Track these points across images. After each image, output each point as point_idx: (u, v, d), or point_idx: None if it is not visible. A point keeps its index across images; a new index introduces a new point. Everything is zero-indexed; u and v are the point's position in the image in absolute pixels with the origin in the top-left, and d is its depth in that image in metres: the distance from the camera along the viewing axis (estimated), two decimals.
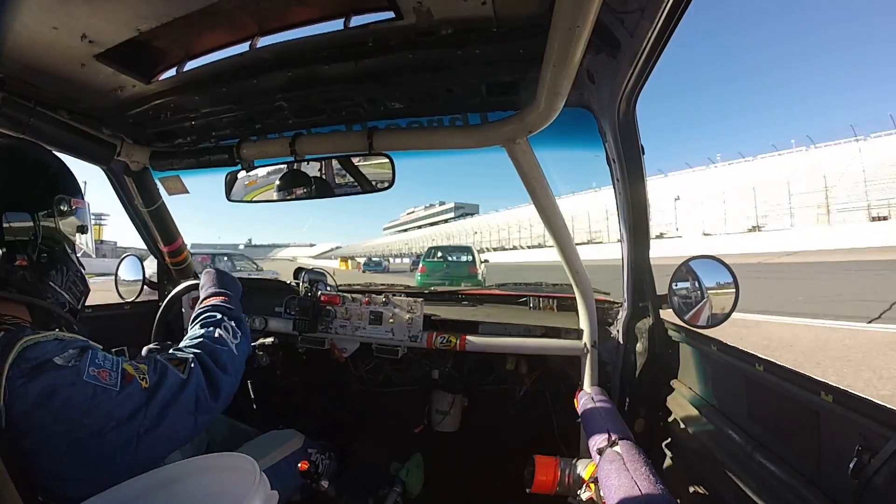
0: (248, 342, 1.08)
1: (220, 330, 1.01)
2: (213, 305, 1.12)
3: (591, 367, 1.51)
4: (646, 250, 1.40)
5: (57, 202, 0.86)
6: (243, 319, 1.12)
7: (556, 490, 1.18)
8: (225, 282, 1.24)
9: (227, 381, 0.92)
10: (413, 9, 0.89)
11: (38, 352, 0.68)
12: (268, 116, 1.36)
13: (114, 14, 0.91)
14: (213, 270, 1.28)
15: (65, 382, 0.67)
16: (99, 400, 0.69)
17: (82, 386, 0.69)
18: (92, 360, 0.72)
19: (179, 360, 0.86)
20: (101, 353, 0.76)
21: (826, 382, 0.74)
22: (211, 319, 1.05)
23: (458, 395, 2.10)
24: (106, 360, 0.75)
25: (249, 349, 1.07)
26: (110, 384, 0.72)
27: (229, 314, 1.09)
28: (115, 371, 0.74)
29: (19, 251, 0.80)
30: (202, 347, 0.93)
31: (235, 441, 1.49)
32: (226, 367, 0.93)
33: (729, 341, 1.09)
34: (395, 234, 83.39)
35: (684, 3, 0.74)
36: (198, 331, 1.01)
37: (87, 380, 0.69)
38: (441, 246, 16.35)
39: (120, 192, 1.77)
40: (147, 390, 0.76)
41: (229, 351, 0.98)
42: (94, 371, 0.71)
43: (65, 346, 0.72)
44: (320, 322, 1.73)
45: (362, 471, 1.91)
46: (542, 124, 1.06)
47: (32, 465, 0.65)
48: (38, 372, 0.66)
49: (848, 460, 0.64)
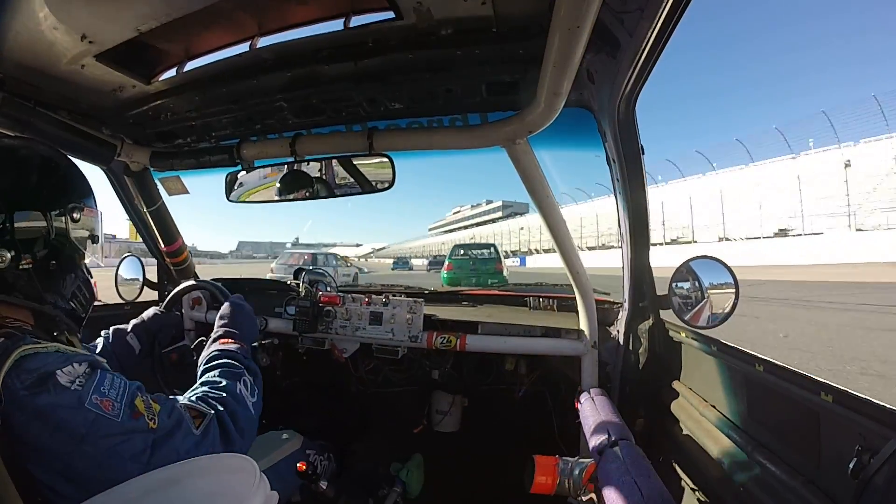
0: (261, 401, 1.00)
1: (241, 385, 0.94)
2: (233, 353, 1.04)
3: (591, 367, 1.51)
4: (646, 250, 1.40)
5: (68, 206, 0.83)
6: (259, 374, 1.04)
7: (556, 490, 1.18)
8: (246, 325, 1.17)
9: (241, 445, 0.86)
10: (413, 9, 0.90)
11: (38, 363, 0.66)
12: (268, 117, 1.36)
13: (114, 14, 0.91)
14: (239, 305, 1.22)
15: (64, 404, 0.65)
16: (99, 425, 0.67)
17: (83, 412, 0.66)
18: (97, 387, 0.69)
19: (199, 412, 0.81)
20: (110, 377, 0.72)
21: (826, 382, 0.74)
22: (231, 371, 0.97)
23: (457, 396, 2.10)
24: (113, 387, 0.71)
25: (260, 409, 0.99)
26: (112, 415, 0.68)
27: (248, 366, 1.02)
28: (119, 402, 0.70)
29: (29, 254, 0.78)
30: (224, 404, 0.87)
31: None
32: (244, 430, 0.87)
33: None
34: (440, 234, 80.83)
35: (684, 3, 0.74)
36: (218, 379, 0.94)
37: (88, 407, 0.66)
38: (466, 244, 16.71)
39: (120, 193, 1.77)
40: (154, 432, 0.72)
41: (248, 412, 0.92)
42: (96, 399, 0.68)
43: (67, 360, 0.69)
44: (320, 322, 1.73)
45: (362, 471, 1.91)
46: (542, 124, 1.06)
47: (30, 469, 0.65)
48: (40, 387, 0.64)
49: (848, 460, 0.64)
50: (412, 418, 2.16)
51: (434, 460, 1.97)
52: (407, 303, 1.66)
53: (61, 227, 0.82)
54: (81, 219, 0.86)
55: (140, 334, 1.42)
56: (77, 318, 0.89)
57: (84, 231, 0.88)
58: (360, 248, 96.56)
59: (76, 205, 0.85)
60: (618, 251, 1.48)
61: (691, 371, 1.28)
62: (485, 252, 14.02)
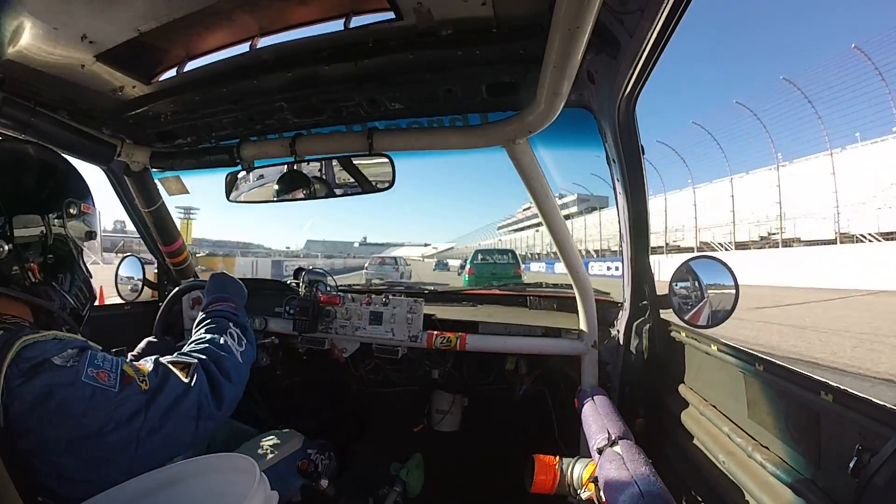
0: (254, 350, 1.07)
1: (226, 336, 1.00)
2: (219, 311, 1.10)
3: (591, 366, 1.51)
4: (646, 250, 1.40)
5: (66, 205, 0.85)
6: (249, 327, 1.10)
7: (556, 490, 1.18)
8: (232, 287, 1.23)
9: (230, 389, 0.91)
10: (413, 9, 0.90)
11: (37, 351, 0.68)
12: (268, 117, 1.36)
13: (114, 15, 0.91)
14: (221, 275, 1.27)
15: (62, 382, 0.67)
16: (97, 400, 0.69)
17: (80, 386, 0.68)
18: (91, 361, 0.72)
19: (183, 364, 0.85)
20: (101, 353, 0.76)
21: (826, 382, 0.74)
22: (217, 325, 1.03)
23: (458, 395, 2.10)
24: (105, 360, 0.74)
25: (254, 357, 1.06)
26: (109, 385, 0.71)
27: (235, 320, 1.08)
28: (113, 372, 0.73)
29: (28, 251, 0.80)
30: (207, 353, 0.92)
31: (235, 441, 1.49)
32: (230, 374, 0.92)
33: None
34: (510, 232, 77.73)
35: (684, 4, 0.75)
36: (203, 335, 1.00)
37: (85, 380, 0.69)
38: (486, 249, 17.92)
39: (120, 193, 1.77)
40: (146, 392, 0.75)
41: (234, 358, 0.96)
42: (92, 372, 0.71)
43: (63, 346, 0.71)
44: (320, 322, 1.73)
45: (362, 471, 1.91)
46: (542, 125, 1.06)
47: (32, 464, 0.65)
48: (35, 372, 0.66)
49: (848, 460, 0.64)
50: (412, 418, 2.16)
51: (434, 460, 1.97)
52: (407, 302, 1.66)
53: (59, 227, 0.84)
54: (79, 218, 0.88)
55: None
56: (77, 317, 0.90)
57: (81, 230, 0.89)
58: (426, 248, 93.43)
59: (73, 201, 0.86)
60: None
61: (691, 371, 1.28)
62: (504, 257, 15.25)
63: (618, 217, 1.42)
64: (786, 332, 7.38)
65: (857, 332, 7.17)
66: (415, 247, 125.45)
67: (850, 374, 4.59)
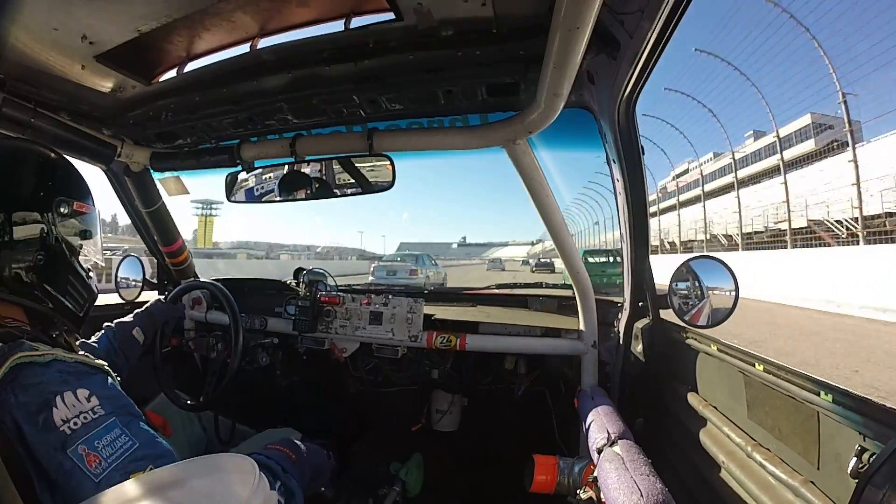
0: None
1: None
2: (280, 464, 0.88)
3: (591, 366, 1.51)
4: (646, 250, 1.40)
5: (57, 204, 0.82)
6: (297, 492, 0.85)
7: (556, 489, 1.18)
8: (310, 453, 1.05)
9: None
10: (413, 10, 0.90)
11: (36, 377, 0.64)
12: (268, 117, 1.36)
13: (114, 15, 0.91)
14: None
15: (46, 443, 0.62)
16: (70, 479, 0.61)
17: (59, 457, 0.61)
18: (92, 438, 0.63)
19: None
20: (119, 430, 0.65)
21: (826, 382, 0.74)
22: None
23: (457, 395, 2.10)
24: (113, 444, 0.64)
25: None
26: (92, 473, 0.61)
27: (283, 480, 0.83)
28: (109, 463, 0.62)
29: (17, 252, 0.77)
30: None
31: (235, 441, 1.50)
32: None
33: None
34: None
35: (684, 4, 0.75)
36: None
37: (69, 454, 0.61)
38: (593, 250, 18.79)
39: (120, 193, 1.77)
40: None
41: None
42: (82, 450, 0.62)
43: (67, 383, 0.65)
44: (320, 322, 1.73)
45: (362, 470, 1.91)
46: (542, 125, 1.06)
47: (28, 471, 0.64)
48: (33, 416, 0.62)
49: (847, 460, 0.64)
50: (412, 418, 2.16)
51: (434, 459, 1.97)
52: (407, 302, 1.66)
53: (57, 227, 0.82)
54: (72, 217, 0.85)
55: (145, 326, 1.40)
56: (75, 318, 0.87)
57: (79, 229, 0.87)
58: (534, 246, 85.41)
59: (63, 199, 0.84)
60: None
61: (691, 370, 1.28)
62: (610, 257, 14.81)
63: (617, 217, 1.42)
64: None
65: None
66: (520, 246, 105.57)
67: None
